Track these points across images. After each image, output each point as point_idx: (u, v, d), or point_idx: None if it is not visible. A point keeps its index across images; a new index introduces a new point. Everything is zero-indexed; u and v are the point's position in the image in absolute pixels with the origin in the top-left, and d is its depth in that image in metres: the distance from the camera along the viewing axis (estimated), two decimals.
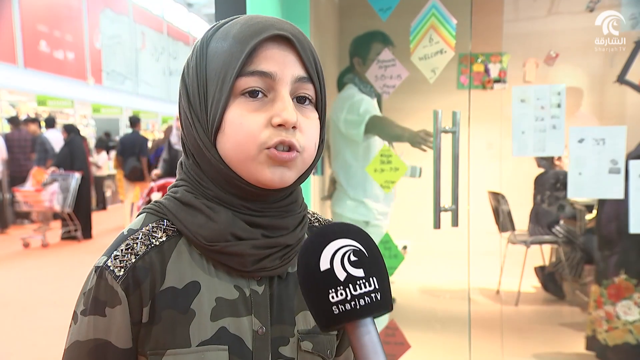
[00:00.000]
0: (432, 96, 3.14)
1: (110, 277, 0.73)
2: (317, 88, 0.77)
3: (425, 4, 2.36)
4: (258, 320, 0.77)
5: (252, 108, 0.73)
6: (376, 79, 2.46)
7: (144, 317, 0.74)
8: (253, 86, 0.72)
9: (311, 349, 0.81)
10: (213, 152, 0.74)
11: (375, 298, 0.62)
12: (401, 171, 2.44)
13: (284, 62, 0.73)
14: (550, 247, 4.59)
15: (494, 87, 3.93)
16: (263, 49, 0.72)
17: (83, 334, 0.74)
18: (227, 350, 0.74)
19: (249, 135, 0.72)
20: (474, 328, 3.78)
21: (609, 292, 2.89)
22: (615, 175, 2.34)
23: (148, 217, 0.79)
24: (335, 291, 0.61)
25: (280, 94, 0.73)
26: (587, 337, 3.07)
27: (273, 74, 0.72)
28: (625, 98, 2.90)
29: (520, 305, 4.17)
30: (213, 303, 0.75)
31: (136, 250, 0.75)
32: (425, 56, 2.33)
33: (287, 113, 0.71)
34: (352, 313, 0.61)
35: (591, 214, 3.93)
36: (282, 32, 0.73)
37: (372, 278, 0.62)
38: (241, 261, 0.75)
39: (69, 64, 12.86)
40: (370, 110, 2.69)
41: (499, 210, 4.45)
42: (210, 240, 0.74)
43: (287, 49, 0.74)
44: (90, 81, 13.77)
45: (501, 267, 4.29)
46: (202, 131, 0.75)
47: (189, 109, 0.76)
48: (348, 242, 0.63)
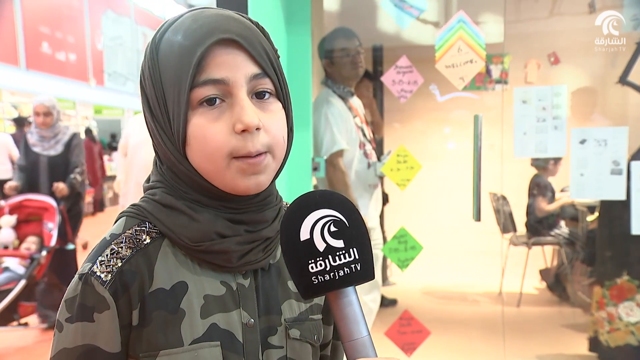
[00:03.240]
0: (433, 96, 3.15)
1: (96, 283, 0.72)
2: (274, 80, 0.76)
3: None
4: (246, 312, 0.78)
5: (213, 117, 0.71)
6: (393, 83, 2.50)
7: (133, 320, 0.73)
8: (208, 95, 0.71)
9: (299, 335, 0.82)
10: (186, 165, 0.74)
11: (355, 269, 0.63)
12: (416, 170, 2.53)
13: (235, 64, 0.72)
14: (552, 249, 4.59)
15: (495, 88, 3.93)
16: (211, 55, 0.71)
17: (70, 340, 0.74)
18: (219, 346, 0.75)
19: (215, 147, 0.71)
20: (476, 329, 3.78)
21: (611, 294, 2.89)
22: (617, 176, 2.34)
23: (129, 220, 0.78)
24: (315, 262, 0.63)
25: (237, 98, 0.71)
26: (590, 339, 3.07)
27: (226, 80, 0.71)
28: (627, 99, 2.90)
29: (522, 306, 4.17)
30: (202, 301, 0.75)
31: (122, 254, 0.74)
32: (454, 65, 2.42)
33: (248, 117, 0.70)
34: (330, 283, 0.62)
35: (593, 215, 3.93)
36: (227, 36, 0.71)
37: (353, 249, 0.63)
38: (226, 258, 0.75)
39: (70, 66, 12.88)
40: (329, 149, 2.73)
41: (501, 212, 4.45)
42: (195, 241, 0.74)
43: (236, 49, 0.72)
44: (92, 82, 13.79)
45: (503, 268, 4.28)
46: (170, 144, 0.74)
47: (152, 120, 0.75)
48: (329, 212, 0.64)
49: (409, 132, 5.55)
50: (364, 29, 3.03)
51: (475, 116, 2.50)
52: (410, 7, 2.49)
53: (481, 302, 4.40)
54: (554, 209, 4.24)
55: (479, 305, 4.36)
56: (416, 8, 2.50)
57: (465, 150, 2.68)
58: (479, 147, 2.49)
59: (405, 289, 4.45)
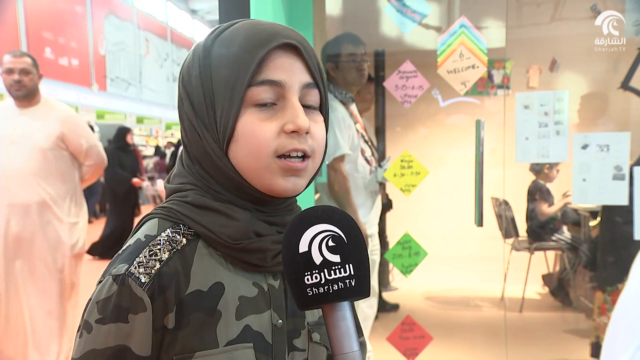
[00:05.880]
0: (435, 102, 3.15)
1: (134, 284, 0.72)
2: (321, 92, 0.79)
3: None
4: (276, 314, 0.79)
5: (264, 117, 0.74)
6: (396, 88, 2.50)
7: (169, 323, 0.73)
8: (264, 96, 0.73)
9: (319, 339, 0.83)
10: (225, 162, 0.76)
11: (349, 284, 0.64)
12: (422, 175, 2.53)
13: (292, 69, 0.75)
14: (554, 254, 4.58)
15: (497, 93, 3.93)
16: (271, 58, 0.74)
17: (101, 342, 0.72)
18: (252, 347, 0.75)
19: (262, 143, 0.73)
20: (478, 335, 3.77)
21: (613, 299, 2.88)
22: (619, 182, 2.34)
23: (162, 222, 0.78)
24: (311, 274, 0.64)
25: (290, 102, 0.74)
26: (592, 344, 3.06)
27: (283, 83, 0.74)
28: (630, 104, 2.90)
29: (525, 311, 4.16)
30: (237, 302, 0.76)
31: (160, 256, 0.74)
32: (455, 70, 2.43)
33: (300, 120, 0.73)
34: (324, 296, 0.64)
35: (595, 220, 3.92)
36: (290, 41, 0.74)
37: (349, 265, 0.64)
38: (262, 257, 0.77)
39: (73, 71, 12.92)
40: (332, 153, 2.70)
41: (503, 217, 4.44)
42: (235, 239, 0.75)
43: (294, 56, 0.75)
44: (94, 87, 13.83)
45: (505, 273, 4.27)
46: (212, 140, 0.75)
47: (195, 117, 0.76)
48: (328, 227, 0.65)
49: (411, 138, 5.55)
50: (365, 34, 3.02)
51: (477, 121, 2.50)
52: (413, 12, 2.49)
53: (483, 307, 4.39)
54: (555, 210, 4.23)
55: (481, 310, 4.35)
56: (418, 13, 2.50)
57: (467, 156, 2.68)
58: (481, 152, 2.49)
59: (407, 294, 4.44)
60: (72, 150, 3.19)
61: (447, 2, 3.39)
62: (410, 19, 2.50)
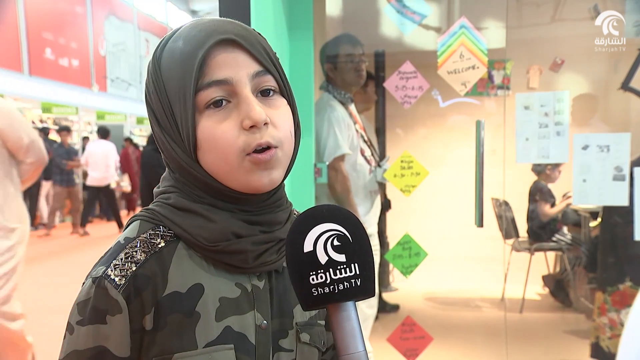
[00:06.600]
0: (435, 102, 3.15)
1: (110, 287, 0.72)
2: (276, 77, 0.77)
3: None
4: (260, 314, 0.78)
5: (221, 118, 0.73)
6: (396, 89, 2.50)
7: (147, 324, 0.73)
8: (214, 97, 0.72)
9: (309, 340, 0.83)
10: (198, 169, 0.75)
11: (355, 284, 0.64)
12: (422, 176, 2.53)
13: (236, 63, 0.73)
14: (554, 255, 4.58)
15: (497, 93, 3.93)
16: (212, 57, 0.73)
17: (81, 343, 0.74)
18: (233, 349, 0.75)
19: (226, 145, 0.72)
20: (479, 335, 3.77)
21: (613, 299, 2.88)
22: (619, 182, 2.34)
23: (143, 224, 0.79)
24: (316, 274, 0.63)
25: (243, 96, 0.73)
26: (592, 344, 3.06)
27: (229, 79, 0.73)
28: (630, 105, 2.90)
29: (525, 312, 4.16)
30: (217, 303, 0.76)
31: (136, 258, 0.75)
32: (456, 70, 2.44)
33: (255, 113, 0.72)
34: (330, 296, 0.63)
35: (595, 221, 3.92)
36: (226, 36, 0.73)
37: (354, 264, 0.64)
38: (243, 258, 0.76)
39: (73, 71, 12.92)
40: (332, 153, 2.70)
41: (503, 217, 4.44)
42: (212, 241, 0.75)
43: (236, 49, 0.74)
44: (94, 88, 13.83)
45: (505, 274, 4.27)
46: (181, 151, 0.76)
47: (161, 132, 0.77)
48: (334, 226, 0.65)
49: (411, 138, 5.54)
50: (365, 35, 3.03)
51: (478, 122, 2.50)
52: (413, 13, 2.50)
53: (484, 308, 4.39)
54: (557, 212, 4.23)
55: (481, 311, 4.35)
56: (418, 14, 2.50)
57: (467, 156, 2.68)
58: (481, 152, 2.49)
59: (408, 295, 4.44)
60: (10, 147, 2.81)
61: (447, 2, 3.38)
62: (410, 19, 2.51)
